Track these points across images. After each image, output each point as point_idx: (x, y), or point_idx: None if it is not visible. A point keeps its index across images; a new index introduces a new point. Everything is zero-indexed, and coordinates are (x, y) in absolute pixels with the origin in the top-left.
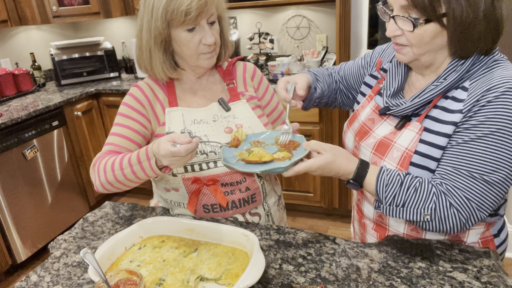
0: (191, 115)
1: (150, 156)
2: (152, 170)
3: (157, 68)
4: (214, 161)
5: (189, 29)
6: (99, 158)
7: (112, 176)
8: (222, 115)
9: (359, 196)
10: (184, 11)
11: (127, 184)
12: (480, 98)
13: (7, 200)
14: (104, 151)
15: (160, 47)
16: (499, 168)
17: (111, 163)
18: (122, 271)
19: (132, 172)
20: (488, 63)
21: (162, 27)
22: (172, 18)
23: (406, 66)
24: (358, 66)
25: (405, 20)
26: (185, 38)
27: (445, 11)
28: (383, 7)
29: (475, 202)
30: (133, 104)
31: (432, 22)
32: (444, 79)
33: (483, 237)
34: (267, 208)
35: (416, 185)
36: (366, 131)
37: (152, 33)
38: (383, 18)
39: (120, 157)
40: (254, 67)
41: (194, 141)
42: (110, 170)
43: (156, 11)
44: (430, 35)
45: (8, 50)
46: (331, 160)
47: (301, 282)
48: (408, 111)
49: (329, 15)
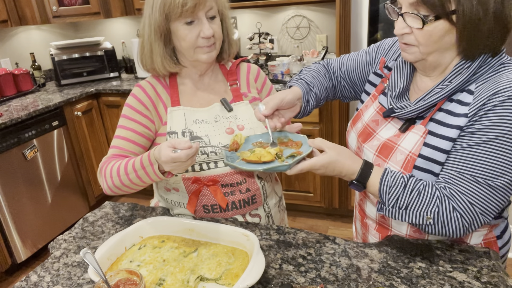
0: (193, 115)
1: (153, 162)
2: (156, 174)
3: (157, 61)
4: (214, 161)
5: (188, 22)
6: (105, 163)
7: (118, 181)
8: (224, 116)
9: (362, 196)
10: (180, 3)
11: (134, 188)
12: (486, 102)
13: (7, 200)
14: (110, 155)
15: (160, 40)
16: (504, 173)
17: (117, 169)
18: (122, 271)
19: (137, 177)
20: (495, 66)
21: (161, 20)
22: (170, 10)
23: (412, 66)
24: (363, 62)
25: (414, 17)
26: (183, 32)
27: (454, 8)
28: (391, 5)
29: (478, 206)
30: (136, 106)
31: (441, 20)
32: (449, 82)
33: (486, 239)
34: (268, 209)
35: (420, 188)
36: (369, 133)
37: (152, 27)
38: (391, 16)
39: (124, 162)
40: (258, 69)
41: (194, 146)
42: (116, 176)
43: (156, 5)
44: (439, 32)
45: (8, 50)
46: (335, 159)
47: (301, 282)
48: (413, 114)
49: (329, 15)
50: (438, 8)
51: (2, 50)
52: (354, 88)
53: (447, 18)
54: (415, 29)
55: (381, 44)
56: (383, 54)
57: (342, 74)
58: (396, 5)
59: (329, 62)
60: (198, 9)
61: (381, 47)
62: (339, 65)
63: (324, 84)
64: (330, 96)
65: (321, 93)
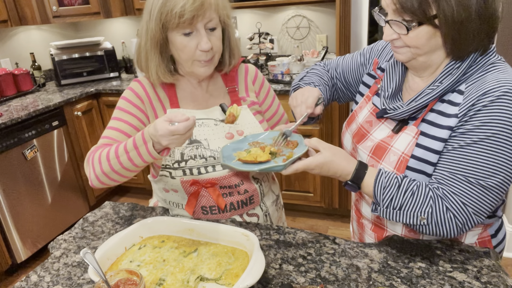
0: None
1: (147, 140)
2: (150, 154)
3: (151, 70)
4: (212, 165)
5: (186, 33)
6: (93, 152)
7: (107, 165)
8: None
9: (358, 196)
10: (177, 13)
11: (123, 174)
12: (475, 103)
13: (7, 200)
14: (99, 145)
15: (156, 49)
16: (495, 172)
17: (106, 153)
18: (122, 271)
19: (129, 159)
20: (485, 65)
21: (157, 29)
22: (167, 20)
23: (403, 67)
24: (357, 64)
25: (399, 24)
26: (181, 43)
27: (435, 12)
28: (378, 13)
29: (471, 207)
30: (132, 99)
31: (424, 25)
32: (440, 83)
33: (480, 238)
34: (265, 208)
35: (414, 188)
36: (363, 134)
37: (148, 35)
38: (380, 23)
39: (114, 146)
40: (256, 70)
41: (192, 118)
42: (105, 160)
43: (153, 12)
44: (424, 36)
45: (8, 50)
46: (330, 159)
47: (301, 282)
48: (405, 115)
49: (329, 15)
50: (419, 14)
51: (2, 50)
52: (349, 89)
53: (429, 23)
54: (402, 35)
55: (375, 45)
56: (376, 55)
57: (338, 75)
58: (383, 12)
59: (326, 63)
60: (197, 21)
61: (374, 48)
62: (334, 67)
63: (327, 89)
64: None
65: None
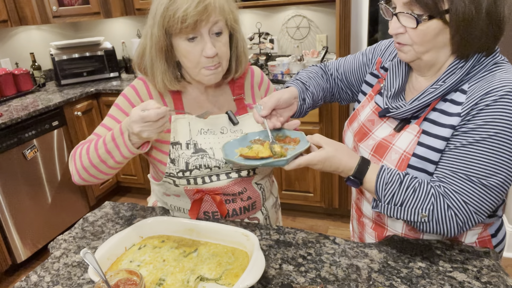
0: (198, 124)
1: (124, 130)
2: (126, 145)
3: (157, 78)
4: (216, 174)
5: (190, 39)
6: (77, 147)
7: (87, 159)
8: (231, 129)
9: (358, 195)
10: (180, 18)
11: (101, 169)
12: (478, 102)
13: (7, 200)
14: (85, 140)
15: (161, 55)
16: (497, 172)
17: (87, 147)
18: (122, 271)
19: (107, 152)
20: (488, 65)
21: (160, 35)
22: (170, 25)
23: (407, 66)
24: (359, 64)
25: (408, 16)
26: (185, 48)
27: (448, 7)
28: (386, 5)
29: (472, 205)
30: (132, 98)
31: (434, 19)
32: (443, 82)
33: (480, 237)
34: (266, 212)
35: (415, 185)
36: (365, 132)
37: (153, 40)
38: (386, 16)
39: (95, 140)
40: (261, 74)
41: (163, 108)
42: (85, 154)
43: (156, 17)
44: (432, 32)
45: (8, 50)
46: (332, 154)
47: (301, 282)
48: (407, 114)
49: (329, 15)
50: (432, 7)
51: (2, 50)
52: (351, 90)
53: (440, 17)
54: (409, 29)
55: (378, 45)
56: (379, 54)
57: (339, 75)
58: (391, 5)
59: (327, 64)
60: (200, 26)
61: (377, 48)
62: (336, 67)
63: (321, 84)
64: (328, 97)
65: (317, 92)
